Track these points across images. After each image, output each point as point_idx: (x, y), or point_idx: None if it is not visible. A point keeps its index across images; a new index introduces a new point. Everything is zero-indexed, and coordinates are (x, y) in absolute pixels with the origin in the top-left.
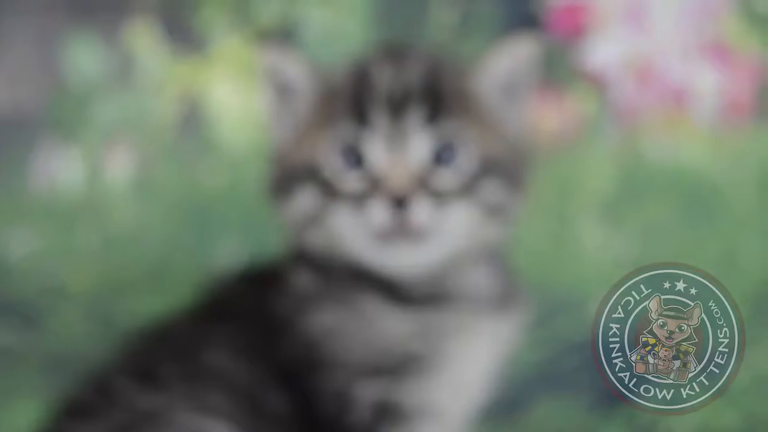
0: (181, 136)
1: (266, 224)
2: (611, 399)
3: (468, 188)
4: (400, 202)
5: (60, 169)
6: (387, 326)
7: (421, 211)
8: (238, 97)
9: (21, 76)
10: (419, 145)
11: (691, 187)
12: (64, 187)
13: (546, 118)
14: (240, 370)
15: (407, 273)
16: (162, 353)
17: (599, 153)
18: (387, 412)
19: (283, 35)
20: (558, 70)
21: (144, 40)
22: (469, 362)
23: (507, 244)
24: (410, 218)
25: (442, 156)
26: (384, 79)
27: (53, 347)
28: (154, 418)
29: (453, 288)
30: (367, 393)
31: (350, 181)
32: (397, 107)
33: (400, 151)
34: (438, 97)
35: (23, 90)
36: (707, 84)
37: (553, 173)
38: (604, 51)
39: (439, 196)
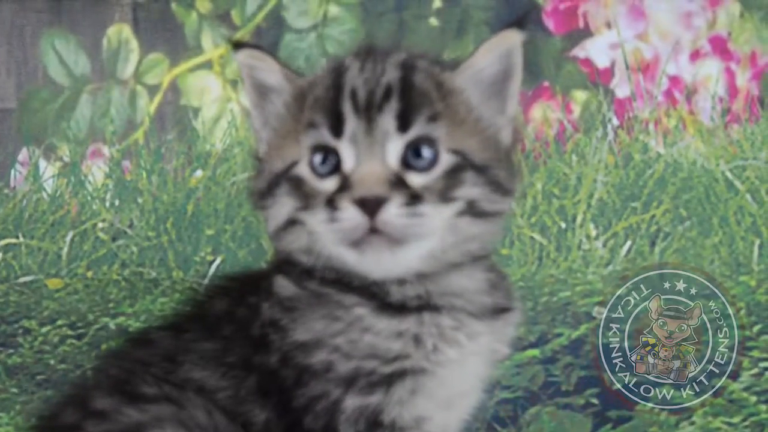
0: (161, 136)
1: (248, 223)
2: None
3: (444, 188)
4: (369, 205)
5: (40, 171)
6: (377, 333)
7: (391, 214)
8: (217, 95)
9: None
10: (390, 146)
11: (695, 183)
12: (43, 189)
13: (548, 115)
14: (223, 384)
15: (388, 276)
16: (143, 368)
17: (601, 150)
18: (378, 424)
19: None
20: (560, 67)
21: (123, 39)
22: (461, 370)
23: (495, 247)
24: (381, 221)
25: (414, 157)
26: (357, 81)
27: (33, 357)
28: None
29: (441, 292)
30: (357, 405)
31: (325, 184)
32: (368, 109)
33: (370, 153)
34: (410, 98)
35: (1, 89)
36: (710, 79)
37: (554, 170)
38: (606, 48)
39: (412, 198)
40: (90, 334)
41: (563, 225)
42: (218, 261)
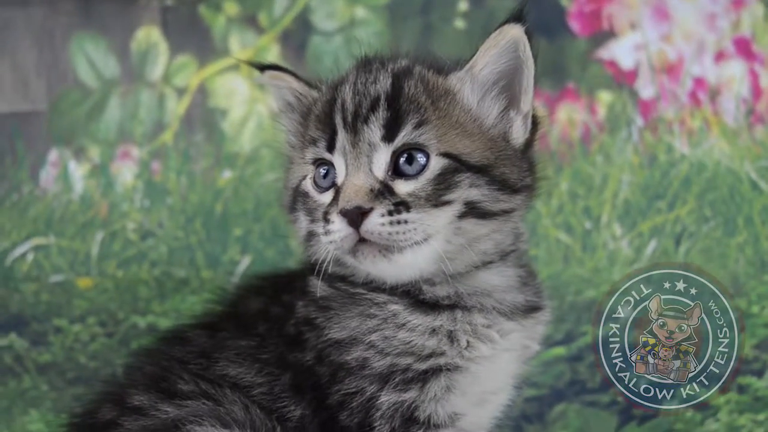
0: (189, 137)
1: (275, 223)
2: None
3: (435, 193)
4: (352, 216)
5: (70, 172)
6: (412, 329)
7: (374, 223)
8: (245, 97)
9: (29, 76)
10: (377, 156)
11: (719, 183)
12: (73, 190)
13: (573, 116)
14: (258, 381)
15: (401, 280)
16: (179, 365)
17: (626, 150)
18: (413, 421)
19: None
20: (585, 69)
21: (151, 42)
22: (494, 367)
23: (524, 246)
24: (365, 231)
25: (406, 164)
26: (347, 94)
27: (64, 355)
28: (176, 427)
29: (471, 292)
30: (393, 401)
31: (324, 197)
32: (354, 121)
33: (356, 165)
34: (398, 106)
35: (31, 91)
36: (734, 80)
37: (579, 171)
38: (631, 50)
39: (397, 206)
40: (120, 332)
41: (589, 225)
42: (246, 260)
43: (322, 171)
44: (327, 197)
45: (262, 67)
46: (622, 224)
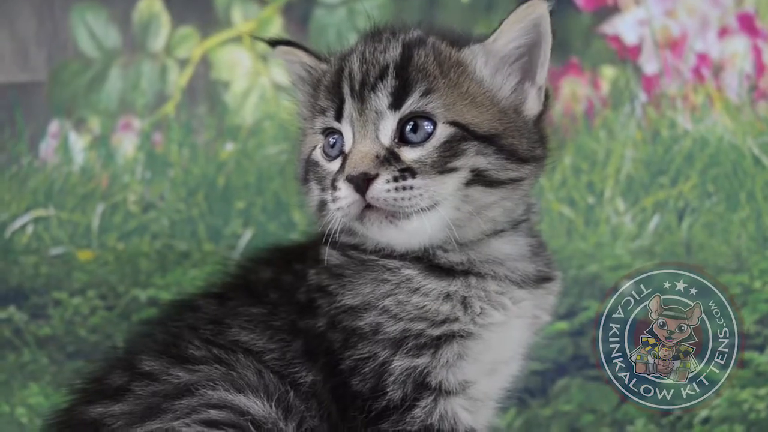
0: (191, 109)
1: (278, 196)
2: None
3: (441, 160)
4: (357, 182)
5: (70, 143)
6: (426, 294)
7: (379, 189)
8: (248, 69)
9: (29, 46)
10: (383, 124)
11: (722, 159)
12: (74, 161)
13: (576, 91)
14: (270, 347)
15: (411, 247)
16: (190, 332)
17: (629, 126)
18: (425, 386)
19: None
20: (588, 44)
21: (153, 12)
22: (506, 334)
23: (535, 217)
24: (370, 197)
25: (413, 131)
26: (354, 64)
27: (64, 328)
28: (188, 391)
29: (484, 260)
30: (405, 367)
31: (332, 165)
32: (362, 90)
33: (363, 132)
34: (406, 74)
35: (31, 61)
36: (737, 56)
37: (582, 146)
38: (635, 25)
39: (402, 172)
40: (120, 306)
41: (592, 200)
42: (248, 234)
43: (331, 140)
44: (335, 165)
45: (274, 43)
46: (625, 199)
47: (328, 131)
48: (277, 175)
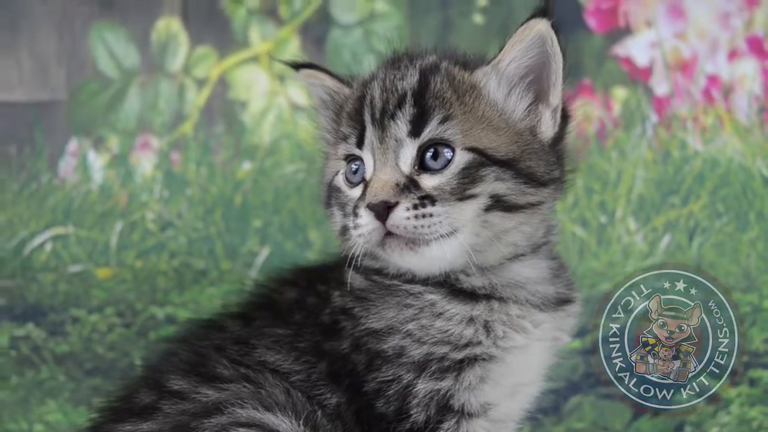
0: (209, 128)
1: (295, 215)
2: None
3: (460, 186)
4: (378, 210)
5: (89, 162)
6: (449, 318)
7: (399, 217)
8: (265, 89)
9: (49, 65)
10: (403, 151)
11: (732, 180)
12: (93, 180)
13: (588, 112)
14: (296, 368)
15: (431, 272)
16: (217, 352)
17: (640, 146)
18: (448, 409)
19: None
20: (601, 65)
21: (172, 32)
22: (527, 357)
23: (555, 238)
24: (390, 224)
25: (432, 158)
26: (375, 91)
27: (82, 345)
28: (217, 409)
29: (505, 284)
30: (429, 389)
31: (354, 192)
32: (382, 117)
33: (384, 160)
34: (424, 102)
35: (51, 80)
36: (747, 78)
37: (594, 166)
38: (646, 47)
39: (422, 199)
40: (138, 323)
41: (604, 219)
42: (265, 252)
43: (354, 167)
44: (357, 192)
45: (298, 66)
46: (636, 219)
47: (350, 158)
48: (294, 194)
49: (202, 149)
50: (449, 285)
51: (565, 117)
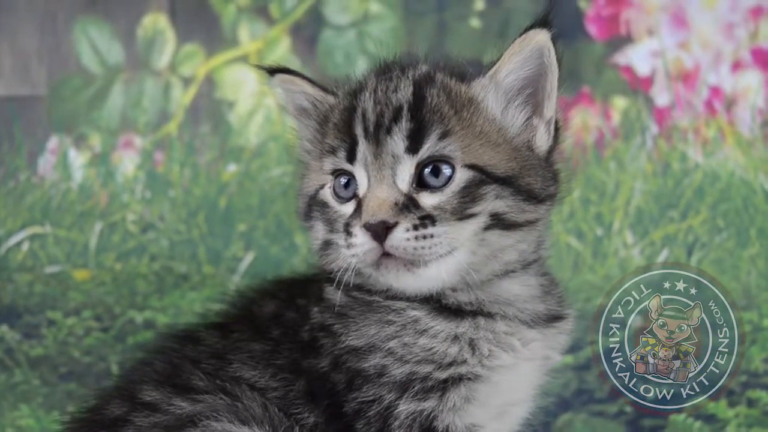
0: (194, 128)
1: (280, 219)
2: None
3: (460, 205)
4: (376, 231)
5: (69, 160)
6: (433, 336)
7: (399, 238)
8: (253, 90)
9: (30, 60)
10: (400, 168)
11: (733, 194)
12: (73, 178)
13: (587, 121)
14: (273, 385)
15: (422, 292)
16: (192, 364)
17: (639, 158)
18: (432, 431)
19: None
20: (600, 73)
21: (158, 29)
22: (515, 377)
23: (545, 253)
24: (389, 246)
25: (430, 176)
26: (368, 103)
27: (57, 349)
28: (191, 422)
29: (493, 300)
30: (411, 410)
31: (345, 208)
32: (377, 131)
33: (380, 177)
34: (421, 116)
35: (32, 75)
36: (750, 91)
37: (592, 177)
38: (648, 56)
39: (422, 219)
40: (116, 327)
41: (600, 232)
42: (250, 257)
43: (342, 181)
44: (348, 208)
45: (272, 71)
46: (633, 232)
47: (338, 172)
48: (281, 198)
49: (187, 150)
50: (434, 301)
51: (557, 128)
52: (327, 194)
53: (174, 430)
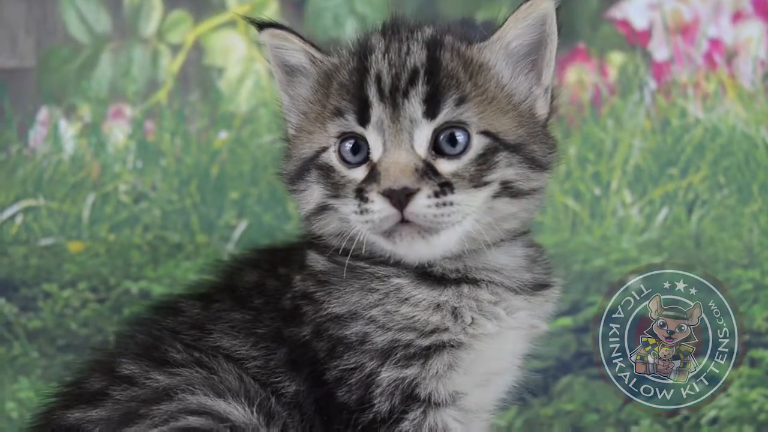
0: (184, 96)
1: (273, 186)
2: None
3: (477, 173)
4: (397, 197)
5: (60, 131)
6: (415, 304)
7: (420, 205)
8: (242, 55)
9: (17, 31)
10: (418, 133)
11: (735, 149)
12: (64, 150)
13: (583, 78)
14: (253, 354)
15: (423, 261)
16: (171, 335)
17: (638, 114)
18: (414, 398)
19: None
20: (596, 28)
21: None
22: (499, 345)
23: (533, 221)
24: (410, 213)
25: (446, 142)
26: (381, 64)
27: (54, 321)
28: (167, 396)
29: (480, 267)
30: (393, 378)
31: (354, 173)
32: (393, 94)
33: (397, 141)
34: (438, 80)
35: (19, 47)
36: (752, 42)
37: (589, 135)
38: (645, 9)
39: (442, 186)
40: (112, 298)
41: (598, 191)
42: (243, 225)
43: (348, 144)
44: (358, 174)
45: (262, 25)
46: (632, 191)
47: (346, 135)
48: (273, 165)
49: (177, 118)
50: (420, 268)
51: (553, 97)
52: (332, 158)
53: (151, 404)
